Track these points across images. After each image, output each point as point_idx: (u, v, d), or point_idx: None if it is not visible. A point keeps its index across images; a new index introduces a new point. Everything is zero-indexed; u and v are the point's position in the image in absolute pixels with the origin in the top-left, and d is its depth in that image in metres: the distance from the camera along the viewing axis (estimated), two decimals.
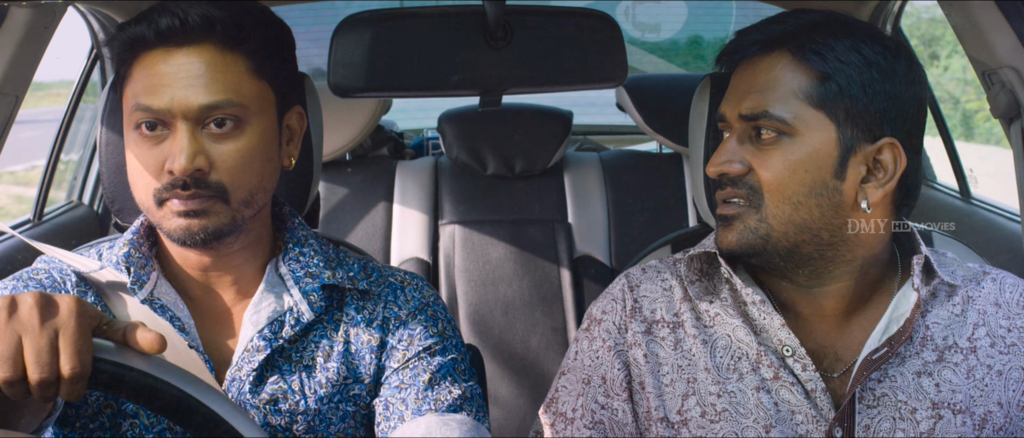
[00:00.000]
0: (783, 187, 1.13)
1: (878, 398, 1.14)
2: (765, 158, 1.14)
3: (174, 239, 1.15)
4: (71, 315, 0.87)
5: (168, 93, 1.11)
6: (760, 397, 1.15)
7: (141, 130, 1.13)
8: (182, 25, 1.11)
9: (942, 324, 1.18)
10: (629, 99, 2.68)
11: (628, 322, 1.25)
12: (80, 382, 0.87)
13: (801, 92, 1.12)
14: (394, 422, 1.19)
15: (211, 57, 1.12)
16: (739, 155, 1.15)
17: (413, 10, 1.59)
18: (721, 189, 1.18)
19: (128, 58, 1.15)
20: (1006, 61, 1.39)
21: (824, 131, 1.12)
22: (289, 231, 1.27)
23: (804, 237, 1.14)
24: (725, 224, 1.18)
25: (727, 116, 1.18)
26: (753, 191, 1.14)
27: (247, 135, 1.14)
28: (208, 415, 0.93)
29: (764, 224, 1.14)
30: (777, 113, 1.12)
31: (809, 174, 1.13)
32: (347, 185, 2.72)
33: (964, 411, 1.13)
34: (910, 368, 1.15)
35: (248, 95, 1.14)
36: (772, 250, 1.15)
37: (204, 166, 1.11)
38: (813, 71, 1.12)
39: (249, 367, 1.17)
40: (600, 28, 1.62)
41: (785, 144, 1.13)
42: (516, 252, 2.57)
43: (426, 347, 1.23)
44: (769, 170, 1.13)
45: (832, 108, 1.12)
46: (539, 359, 2.50)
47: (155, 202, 1.14)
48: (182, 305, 1.20)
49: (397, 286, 1.28)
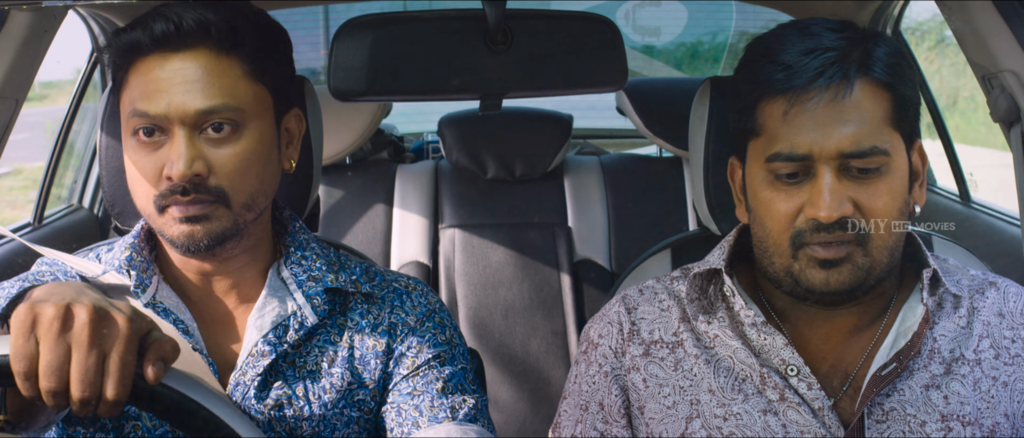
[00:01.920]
0: (889, 218, 1.10)
1: (887, 412, 1.12)
2: (870, 192, 1.09)
3: (177, 246, 1.15)
4: (124, 339, 0.87)
5: (164, 99, 1.10)
6: (768, 420, 1.13)
7: (139, 136, 1.13)
8: (177, 30, 1.11)
9: (949, 336, 1.16)
10: (629, 103, 2.68)
11: (626, 346, 1.23)
12: (120, 406, 0.87)
13: (887, 117, 1.10)
14: (408, 428, 1.18)
15: (207, 61, 1.12)
16: (845, 194, 1.09)
17: (413, 14, 1.59)
18: (826, 232, 1.09)
19: (124, 64, 1.15)
20: (1006, 65, 1.39)
21: (902, 150, 1.11)
22: (290, 235, 1.27)
23: (889, 260, 1.13)
24: (830, 266, 1.10)
25: (814, 155, 1.09)
26: (860, 230, 1.10)
27: (245, 139, 1.14)
28: (208, 419, 0.93)
29: (869, 258, 1.10)
30: (883, 146, 1.09)
31: (902, 197, 1.11)
32: (347, 188, 2.72)
33: (973, 423, 1.12)
34: (918, 381, 1.13)
35: (245, 99, 1.14)
36: (868, 283, 1.12)
37: (202, 171, 1.11)
38: (888, 93, 1.10)
39: (254, 372, 1.17)
40: (600, 32, 1.62)
41: (886, 175, 1.10)
42: (516, 256, 2.57)
43: (436, 355, 1.23)
44: (879, 204, 1.09)
45: (901, 126, 1.11)
46: (539, 363, 2.50)
47: (156, 209, 1.13)
48: (185, 308, 1.20)
49: (402, 291, 1.27)
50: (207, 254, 1.17)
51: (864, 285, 1.12)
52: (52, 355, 0.85)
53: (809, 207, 1.10)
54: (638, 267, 1.50)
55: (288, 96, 1.24)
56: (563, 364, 2.49)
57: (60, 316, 0.86)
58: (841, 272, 1.10)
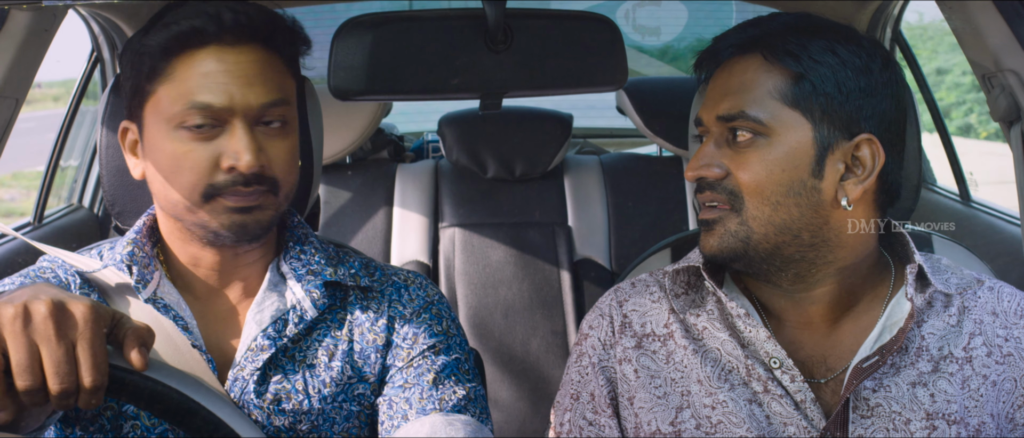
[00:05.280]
0: (762, 188, 1.13)
1: (872, 408, 1.13)
2: (743, 160, 1.14)
3: (223, 234, 1.16)
4: (87, 324, 0.87)
5: (226, 91, 1.12)
6: (752, 409, 1.15)
7: (191, 129, 1.13)
8: (248, 22, 1.14)
9: (938, 334, 1.17)
10: (629, 102, 2.68)
11: (616, 339, 1.25)
12: (99, 392, 0.87)
13: (776, 92, 1.13)
14: (398, 421, 1.19)
15: (260, 56, 1.15)
16: (717, 159, 1.16)
17: (413, 13, 1.60)
18: (701, 193, 1.18)
19: (167, 56, 1.14)
20: (1006, 64, 1.39)
21: (800, 130, 1.13)
22: (289, 230, 1.28)
23: (784, 238, 1.14)
24: (707, 229, 1.18)
25: (704, 120, 1.18)
26: (733, 195, 1.15)
27: (292, 132, 1.19)
28: (208, 418, 0.93)
29: (744, 227, 1.15)
30: (753, 113, 1.13)
31: (786, 173, 1.13)
32: (347, 188, 2.72)
33: (959, 421, 1.12)
34: (905, 378, 1.14)
35: (290, 93, 1.19)
36: (753, 253, 1.15)
37: (267, 163, 1.15)
38: (787, 71, 1.13)
39: (252, 366, 1.17)
40: (600, 31, 1.62)
41: (762, 145, 1.13)
42: (516, 255, 2.57)
43: (430, 346, 1.23)
44: (747, 172, 1.13)
45: (807, 107, 1.12)
46: (539, 362, 2.50)
47: (202, 198, 1.14)
48: (185, 305, 1.20)
49: (401, 285, 1.28)
50: (253, 242, 1.20)
51: (747, 254, 1.15)
52: (21, 354, 0.85)
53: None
54: (638, 266, 1.50)
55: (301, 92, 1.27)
56: (563, 363, 2.49)
57: (20, 315, 0.86)
58: (713, 234, 1.17)
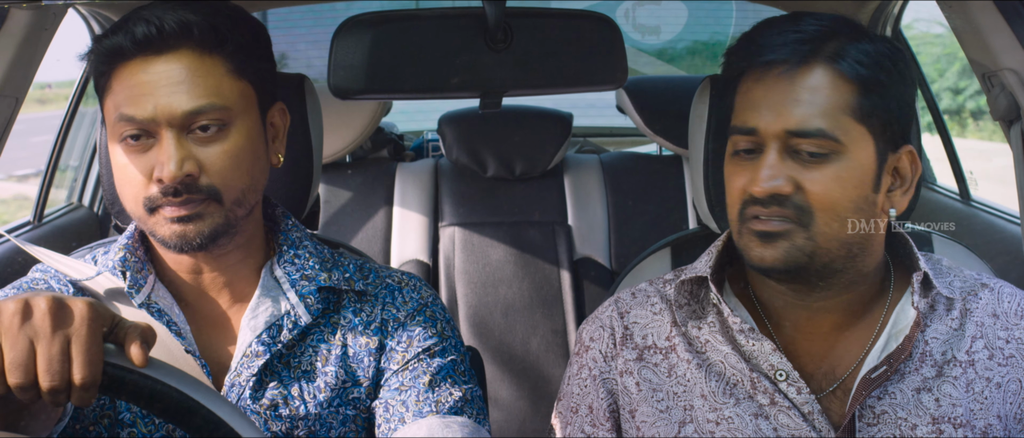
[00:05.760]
0: (835, 205, 1.09)
1: (878, 415, 1.12)
2: (816, 176, 1.09)
3: (170, 246, 1.15)
4: (84, 322, 0.87)
5: (150, 102, 1.11)
6: (759, 424, 1.14)
7: (127, 141, 1.13)
8: (159, 32, 1.11)
9: (941, 339, 1.16)
10: (629, 101, 2.68)
11: (618, 351, 1.23)
12: (91, 390, 0.87)
13: (847, 107, 1.09)
14: (394, 424, 1.18)
15: (190, 62, 1.12)
16: (784, 172, 1.10)
17: (413, 12, 1.59)
18: (762, 206, 1.11)
19: (107, 70, 1.14)
20: (1006, 63, 1.39)
21: (867, 146, 1.11)
22: (283, 233, 1.27)
23: (842, 252, 1.12)
24: (767, 241, 1.11)
25: (761, 130, 1.11)
26: (801, 210, 1.10)
27: (233, 136, 1.15)
28: (208, 417, 0.93)
29: (811, 242, 1.10)
30: (831, 131, 1.08)
31: (857, 190, 1.10)
32: (347, 187, 2.72)
33: (965, 425, 1.12)
34: (910, 384, 1.14)
35: (230, 96, 1.15)
36: (814, 267, 1.12)
37: (194, 171, 1.12)
38: (855, 84, 1.09)
39: (248, 373, 1.17)
40: (600, 30, 1.62)
41: (834, 161, 1.09)
42: (516, 254, 2.57)
43: (425, 348, 1.23)
44: (821, 188, 1.09)
45: (871, 122, 1.10)
46: (539, 361, 2.50)
47: (146, 210, 1.13)
48: (178, 310, 1.20)
49: (395, 287, 1.27)
50: (200, 251, 1.17)
51: (807, 268, 1.12)
52: (15, 351, 0.85)
53: (750, 182, 1.12)
54: (638, 265, 1.50)
55: (271, 91, 1.24)
56: (563, 362, 2.49)
57: (20, 311, 0.86)
58: (776, 248, 1.11)
